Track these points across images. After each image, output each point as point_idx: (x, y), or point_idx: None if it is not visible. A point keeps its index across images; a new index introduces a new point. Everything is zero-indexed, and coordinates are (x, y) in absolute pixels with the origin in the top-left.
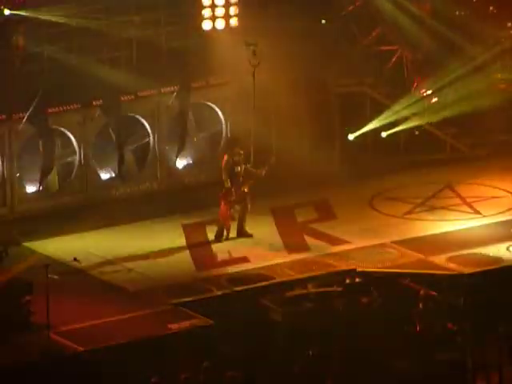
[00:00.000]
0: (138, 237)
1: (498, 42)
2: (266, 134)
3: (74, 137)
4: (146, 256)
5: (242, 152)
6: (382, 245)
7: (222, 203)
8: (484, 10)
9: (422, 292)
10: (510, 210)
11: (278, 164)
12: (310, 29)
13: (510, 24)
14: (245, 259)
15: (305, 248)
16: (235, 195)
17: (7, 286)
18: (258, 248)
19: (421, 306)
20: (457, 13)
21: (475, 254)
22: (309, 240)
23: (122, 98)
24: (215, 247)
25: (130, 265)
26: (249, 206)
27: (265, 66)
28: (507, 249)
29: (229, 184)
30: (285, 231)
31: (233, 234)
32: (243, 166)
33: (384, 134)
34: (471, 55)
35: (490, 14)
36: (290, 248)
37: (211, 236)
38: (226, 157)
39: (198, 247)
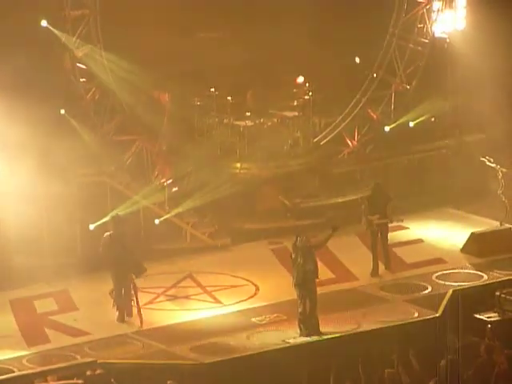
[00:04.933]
0: None
1: (237, 132)
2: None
3: None
4: None
5: None
6: (124, 335)
7: None
8: (222, 101)
9: (169, 382)
10: (249, 298)
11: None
12: (46, 116)
13: (248, 113)
14: None
15: (45, 340)
16: None
17: None
18: None
19: None
20: (197, 103)
21: (216, 343)
22: (49, 332)
23: None
24: None
25: None
26: None
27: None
28: (247, 337)
29: None
30: (24, 323)
31: None
32: None
33: None
34: (210, 144)
35: (227, 104)
36: (29, 340)
37: None
38: None
39: None
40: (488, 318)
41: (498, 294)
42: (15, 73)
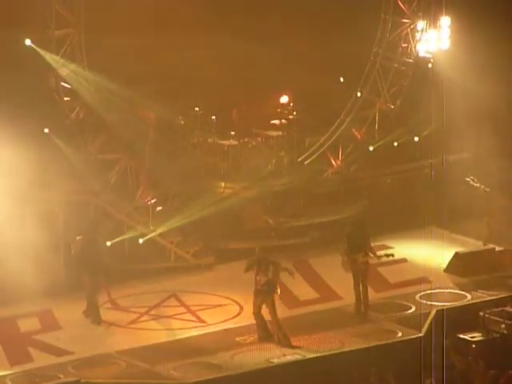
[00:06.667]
0: None
1: (221, 151)
2: None
3: None
4: None
5: None
6: (107, 355)
7: None
8: (207, 120)
9: None
10: (233, 317)
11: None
12: (31, 135)
13: (232, 133)
14: None
15: (28, 359)
16: None
17: None
18: None
19: None
20: (181, 122)
21: (200, 362)
22: (32, 351)
23: None
24: None
25: None
26: None
27: None
28: (231, 357)
29: None
30: (7, 342)
31: None
32: None
33: (108, 243)
34: (194, 163)
35: (212, 123)
36: (12, 360)
37: None
38: None
39: None
40: (472, 337)
41: (481, 313)
42: None
